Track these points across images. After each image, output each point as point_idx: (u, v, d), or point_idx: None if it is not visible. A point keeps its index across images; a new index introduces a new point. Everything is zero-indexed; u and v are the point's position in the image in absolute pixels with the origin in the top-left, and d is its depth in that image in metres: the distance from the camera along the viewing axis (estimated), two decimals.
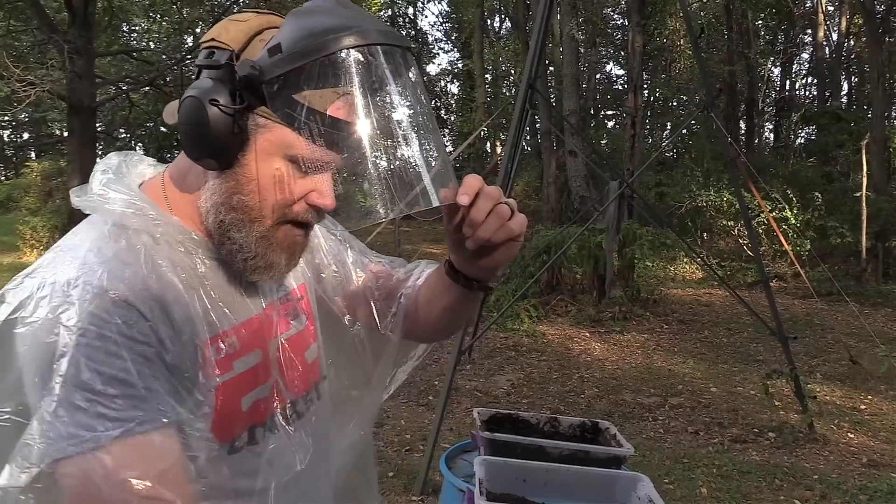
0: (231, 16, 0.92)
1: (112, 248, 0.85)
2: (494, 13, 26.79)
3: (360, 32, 0.83)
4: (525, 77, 4.04)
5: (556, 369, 6.93)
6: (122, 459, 0.75)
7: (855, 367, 6.92)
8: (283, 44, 0.82)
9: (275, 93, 0.84)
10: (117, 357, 0.77)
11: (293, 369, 1.02)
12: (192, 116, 0.85)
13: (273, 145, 0.87)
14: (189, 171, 0.94)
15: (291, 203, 0.90)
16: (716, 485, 4.30)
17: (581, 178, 10.62)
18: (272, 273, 0.94)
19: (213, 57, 0.87)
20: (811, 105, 20.75)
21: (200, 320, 0.88)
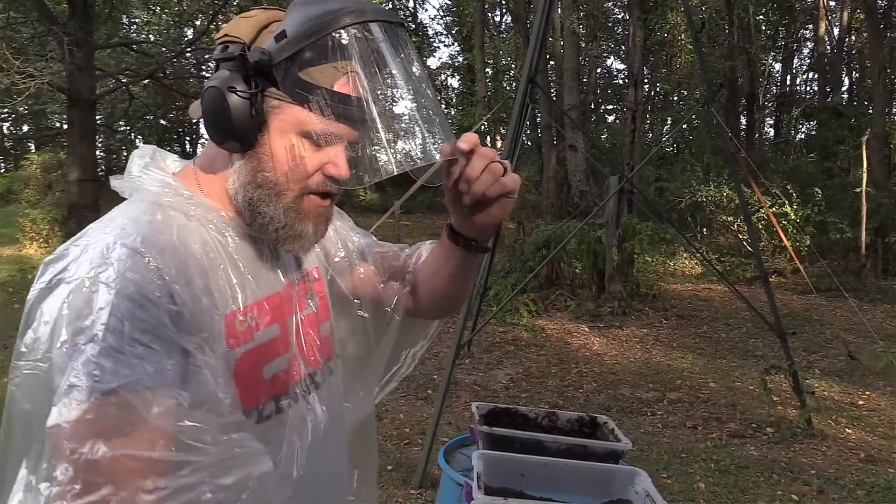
0: (241, 14, 1.02)
1: (148, 219, 0.94)
2: (495, 7, 26.72)
3: (354, 12, 0.93)
4: (525, 71, 4.03)
5: (555, 364, 6.94)
6: (162, 395, 0.83)
7: (853, 363, 6.93)
8: (287, 29, 0.93)
9: (283, 75, 0.94)
10: (151, 312, 0.85)
11: (310, 344, 1.11)
12: (213, 104, 0.95)
13: (286, 123, 0.96)
14: (216, 158, 1.03)
15: (308, 175, 0.99)
16: (713, 479, 4.31)
17: (581, 173, 10.61)
18: (302, 241, 1.03)
19: (228, 50, 0.97)
20: (812, 100, 20.74)
21: (224, 293, 0.96)
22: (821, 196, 12.12)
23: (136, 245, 0.88)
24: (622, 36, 23.62)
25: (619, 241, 9.21)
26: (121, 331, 0.82)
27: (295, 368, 1.07)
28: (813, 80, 24.08)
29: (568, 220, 8.74)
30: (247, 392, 0.97)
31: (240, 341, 0.96)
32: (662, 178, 14.98)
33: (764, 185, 10.01)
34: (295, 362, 1.07)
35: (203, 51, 15.81)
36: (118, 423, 0.81)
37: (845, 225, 11.81)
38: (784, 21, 22.17)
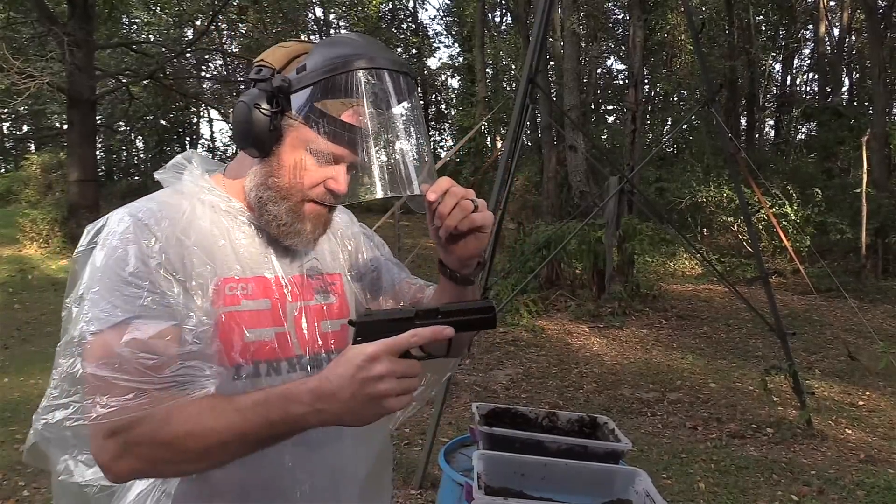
0: (280, 43, 1.22)
1: (163, 199, 1.16)
2: (495, 7, 26.71)
3: (368, 58, 1.10)
4: (526, 72, 4.03)
5: (555, 364, 6.94)
6: (132, 328, 1.02)
7: (853, 364, 6.93)
8: (308, 64, 1.11)
9: (300, 101, 1.12)
10: (135, 258, 1.06)
11: (309, 331, 1.23)
12: (241, 116, 1.14)
13: (298, 140, 1.14)
14: (242, 162, 1.23)
15: (312, 186, 1.16)
16: (713, 480, 4.31)
17: (581, 174, 10.60)
18: (300, 237, 1.20)
19: (261, 73, 1.16)
20: (812, 101, 20.73)
21: (223, 262, 1.15)
22: (821, 196, 12.12)
23: (138, 214, 1.10)
24: (622, 36, 23.62)
25: (620, 241, 9.21)
26: (110, 278, 1.05)
27: (285, 345, 1.19)
28: (813, 81, 24.09)
29: (568, 221, 8.74)
30: (229, 348, 1.12)
31: (226, 303, 1.13)
32: (663, 179, 14.98)
33: (764, 186, 10.02)
34: (286, 340, 1.19)
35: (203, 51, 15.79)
36: (94, 351, 1.02)
37: (845, 225, 11.81)
38: (784, 21, 22.15)
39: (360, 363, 0.96)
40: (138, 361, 1.00)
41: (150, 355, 1.01)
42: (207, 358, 1.07)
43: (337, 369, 0.98)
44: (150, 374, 1.00)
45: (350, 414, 0.98)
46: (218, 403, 1.03)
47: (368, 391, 0.96)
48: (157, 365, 1.01)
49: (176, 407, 1.01)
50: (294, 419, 0.99)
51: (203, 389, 1.04)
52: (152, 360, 1.01)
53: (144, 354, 1.01)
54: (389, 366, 0.97)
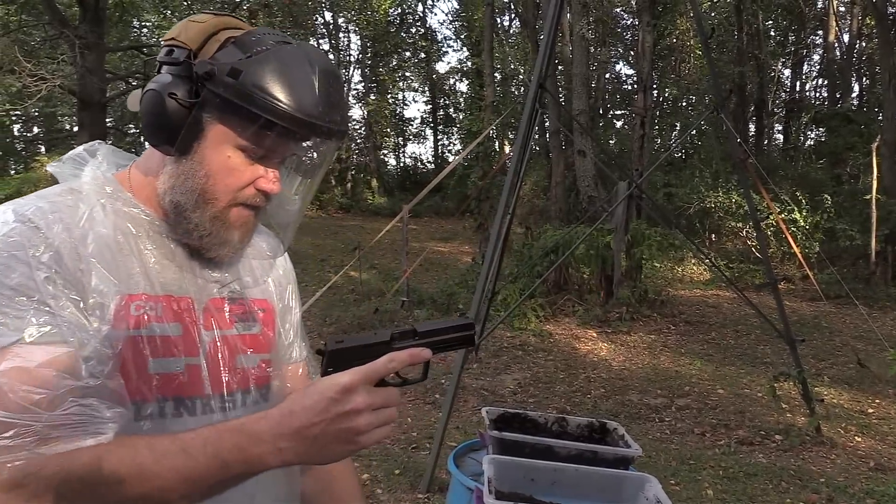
0: (191, 16, 1.02)
1: (54, 198, 0.96)
2: (504, 11, 26.75)
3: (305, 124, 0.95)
4: (535, 76, 4.04)
5: (563, 369, 6.93)
6: (13, 354, 0.84)
7: (863, 371, 6.90)
8: (245, 76, 0.93)
9: (228, 91, 0.93)
10: (23, 269, 0.87)
11: (217, 365, 1.04)
12: (152, 107, 0.96)
13: (224, 135, 0.97)
14: (151, 158, 1.04)
15: (242, 187, 1.00)
16: (722, 486, 4.29)
17: (589, 178, 10.60)
18: (227, 248, 1.03)
19: (173, 54, 0.98)
20: (821, 106, 20.66)
21: (126, 277, 0.96)
22: (830, 202, 12.07)
23: (25, 213, 0.91)
24: (631, 41, 23.61)
25: (628, 246, 9.19)
26: None
27: (196, 380, 1.01)
28: (822, 86, 23.99)
29: (576, 226, 8.73)
30: (128, 381, 0.93)
31: (131, 325, 0.94)
32: (671, 184, 14.95)
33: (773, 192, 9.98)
34: (198, 374, 1.01)
35: None
36: None
37: (855, 232, 11.75)
38: (793, 27, 22.11)
39: (334, 395, 0.85)
40: (21, 395, 0.81)
41: (37, 389, 0.82)
42: (107, 395, 0.88)
43: (304, 401, 0.86)
44: (36, 411, 0.82)
45: (317, 452, 0.87)
46: (157, 442, 0.87)
47: (343, 426, 0.85)
48: (45, 400, 0.82)
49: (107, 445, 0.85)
50: (251, 459, 0.86)
51: (101, 435, 0.85)
52: (39, 395, 0.82)
53: (29, 387, 0.82)
54: (367, 398, 0.86)
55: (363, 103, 27.13)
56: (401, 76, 29.22)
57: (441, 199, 20.54)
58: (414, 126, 30.81)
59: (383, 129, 27.65)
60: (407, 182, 26.92)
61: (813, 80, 24.83)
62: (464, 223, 15.13)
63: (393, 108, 28.98)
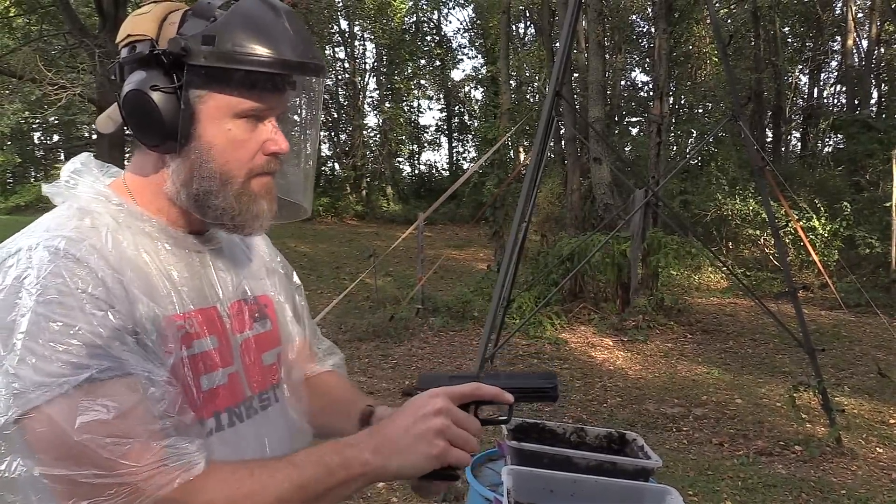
0: (133, 13, 1.01)
1: (74, 223, 0.92)
2: (519, 19, 26.77)
3: (294, 65, 0.96)
4: (552, 85, 4.03)
5: (579, 377, 6.89)
6: (86, 403, 0.80)
7: (883, 381, 6.81)
8: (219, 39, 0.92)
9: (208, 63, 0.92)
10: (78, 310, 0.83)
11: (251, 366, 1.08)
12: (140, 107, 0.94)
13: (218, 109, 0.95)
14: (146, 163, 1.01)
15: (252, 157, 0.99)
16: (741, 498, 4.24)
17: (605, 186, 10.56)
18: (260, 220, 1.02)
19: (136, 50, 0.96)
20: (839, 113, 20.49)
21: (159, 298, 0.94)
22: (849, 210, 11.94)
23: (59, 246, 0.86)
24: (647, 48, 23.55)
25: (644, 254, 9.14)
26: (44, 335, 0.80)
27: (237, 387, 1.04)
28: (840, 93, 23.79)
29: (592, 233, 8.70)
30: (190, 404, 0.93)
31: (179, 346, 0.94)
32: (687, 191, 14.86)
33: (791, 199, 9.90)
34: (238, 381, 1.04)
35: None
36: (39, 439, 0.79)
37: (875, 240, 11.62)
38: (811, 34, 21.96)
39: (420, 402, 0.94)
40: (110, 450, 0.79)
41: (122, 440, 0.80)
42: (183, 430, 0.88)
43: (395, 414, 0.96)
44: (128, 465, 0.80)
45: (405, 450, 0.92)
46: (266, 460, 0.93)
47: (424, 426, 0.92)
48: (133, 452, 0.81)
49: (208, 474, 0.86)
50: (350, 462, 0.91)
51: (195, 467, 0.85)
52: (126, 446, 0.80)
53: (114, 440, 0.80)
54: (447, 404, 0.94)
55: (378, 111, 27.22)
56: (416, 84, 29.28)
57: (456, 207, 20.53)
58: (429, 133, 30.89)
59: (398, 137, 27.71)
60: (422, 189, 26.96)
61: (831, 87, 24.64)
62: (479, 230, 15.13)
63: (408, 115, 29.05)
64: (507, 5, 15.60)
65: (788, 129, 22.83)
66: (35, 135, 30.14)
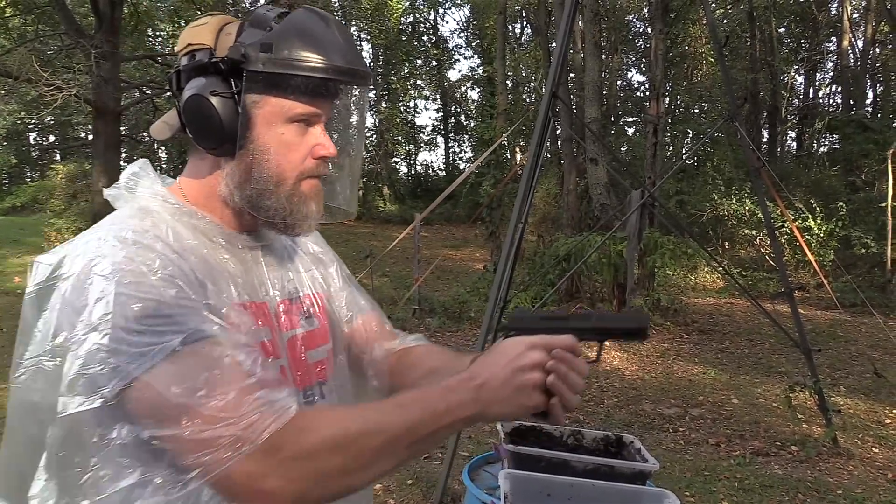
0: (190, 24, 1.08)
1: (137, 219, 0.98)
2: (516, 19, 26.78)
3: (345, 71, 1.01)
4: (548, 85, 4.03)
5: None
6: (179, 368, 0.86)
7: (879, 381, 6.82)
8: (276, 47, 0.98)
9: (266, 72, 0.99)
10: (155, 288, 0.89)
11: (297, 363, 1.12)
12: (201, 112, 1.00)
13: (273, 115, 1.01)
14: (200, 167, 1.07)
15: (303, 160, 1.04)
16: (738, 498, 4.24)
17: (602, 186, 10.57)
18: (309, 221, 1.08)
19: (196, 58, 1.02)
20: (835, 113, 20.52)
21: (222, 286, 1.00)
22: (845, 210, 11.97)
23: (126, 236, 0.93)
24: (643, 48, 23.57)
25: (641, 254, 9.15)
26: (129, 314, 0.86)
27: (286, 380, 1.08)
28: (836, 93, 23.84)
29: (589, 234, 8.70)
30: None
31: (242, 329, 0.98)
32: (683, 192, 14.88)
33: (787, 199, 9.92)
34: (286, 374, 1.08)
35: None
36: (142, 405, 0.86)
37: (870, 239, 11.65)
38: (806, 34, 22.01)
39: (519, 351, 0.95)
40: (211, 406, 0.85)
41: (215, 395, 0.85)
42: (271, 384, 0.92)
43: (487, 360, 0.96)
44: (228, 418, 0.85)
45: (504, 400, 0.94)
46: (375, 403, 0.99)
47: (522, 378, 0.94)
48: (231, 404, 0.86)
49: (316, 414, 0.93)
50: (453, 408, 0.93)
51: (290, 410, 0.89)
52: (223, 400, 0.85)
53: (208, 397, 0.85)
54: (545, 359, 0.95)
55: (375, 111, 27.21)
56: (412, 84, 29.27)
57: (453, 207, 20.53)
58: (425, 134, 30.89)
59: (395, 137, 27.69)
60: (418, 189, 26.95)
61: (826, 87, 24.69)
62: (475, 231, 15.13)
63: (404, 115, 29.03)
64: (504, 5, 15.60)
65: (784, 130, 22.87)
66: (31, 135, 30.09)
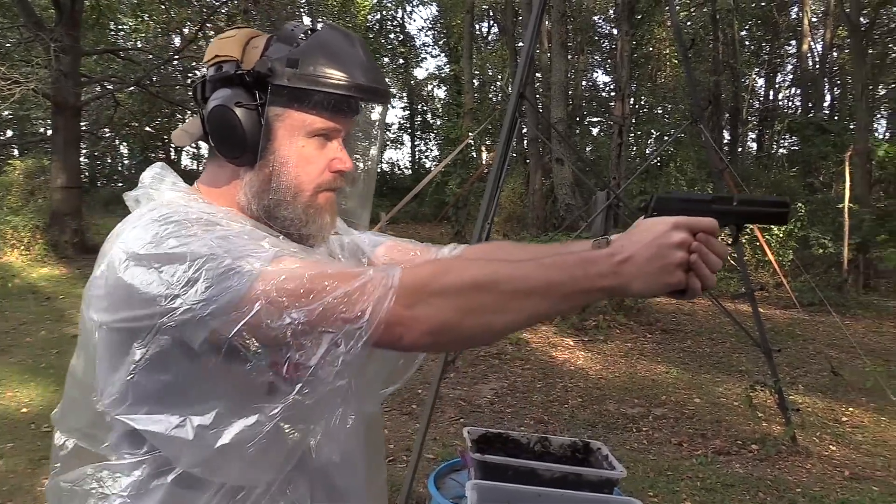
0: (218, 36, 1.11)
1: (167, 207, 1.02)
2: (483, 18, 26.82)
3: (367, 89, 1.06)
4: (516, 85, 4.04)
5: (540, 378, 6.92)
6: (292, 261, 0.93)
7: (836, 379, 6.98)
8: (302, 63, 1.03)
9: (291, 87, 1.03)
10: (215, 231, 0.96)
11: None
12: (225, 121, 1.04)
13: (293, 128, 1.05)
14: (219, 175, 1.10)
15: (321, 173, 1.08)
16: (700, 498, 4.30)
17: (567, 186, 10.64)
18: (324, 232, 1.13)
19: (223, 69, 1.06)
20: (794, 116, 20.95)
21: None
22: (803, 211, 12.23)
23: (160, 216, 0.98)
24: (608, 49, 23.78)
25: None
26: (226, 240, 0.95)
27: None
28: (796, 96, 24.34)
29: (555, 234, 8.75)
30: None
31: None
32: (647, 192, 15.05)
33: None
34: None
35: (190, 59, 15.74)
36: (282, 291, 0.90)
37: (828, 240, 11.91)
38: (767, 37, 22.43)
39: (664, 229, 0.96)
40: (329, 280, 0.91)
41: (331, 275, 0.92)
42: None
43: (631, 237, 0.97)
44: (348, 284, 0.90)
45: (643, 278, 0.95)
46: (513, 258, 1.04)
47: (667, 258, 0.95)
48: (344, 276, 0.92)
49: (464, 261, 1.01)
50: (591, 276, 0.95)
51: (396, 269, 0.94)
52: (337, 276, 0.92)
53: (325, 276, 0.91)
54: (689, 239, 0.97)
55: None
56: None
57: (418, 206, 20.49)
58: (392, 132, 30.79)
59: None
60: (384, 188, 26.85)
61: (786, 90, 25.20)
62: (441, 229, 15.13)
63: None
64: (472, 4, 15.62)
65: (745, 131, 23.28)
66: None
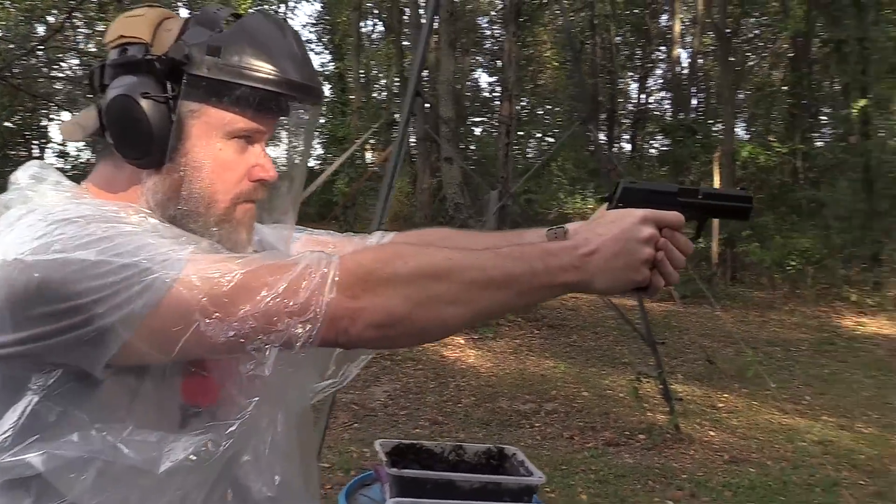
0: (124, 14, 0.93)
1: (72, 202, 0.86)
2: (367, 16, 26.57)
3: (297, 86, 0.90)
4: (412, 84, 3.97)
5: (433, 378, 6.89)
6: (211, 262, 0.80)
7: (711, 367, 7.37)
8: (225, 51, 0.86)
9: (210, 78, 0.87)
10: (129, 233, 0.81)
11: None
12: (127, 115, 0.86)
13: (211, 127, 0.89)
14: (115, 178, 0.93)
15: (240, 181, 0.92)
16: (594, 490, 4.40)
17: (456, 186, 10.70)
18: (237, 250, 0.93)
19: (128, 53, 0.88)
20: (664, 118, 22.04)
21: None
22: None
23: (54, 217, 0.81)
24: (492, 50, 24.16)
25: None
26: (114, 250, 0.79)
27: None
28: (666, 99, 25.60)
29: None
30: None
31: None
32: (531, 190, 15.39)
33: None
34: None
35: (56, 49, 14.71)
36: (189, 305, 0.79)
37: None
38: (640, 43, 23.47)
39: (632, 223, 0.90)
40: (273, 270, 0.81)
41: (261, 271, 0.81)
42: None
43: (596, 229, 0.91)
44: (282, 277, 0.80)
45: (607, 275, 0.90)
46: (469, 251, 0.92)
47: (634, 254, 0.90)
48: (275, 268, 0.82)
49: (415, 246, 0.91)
50: (555, 271, 0.88)
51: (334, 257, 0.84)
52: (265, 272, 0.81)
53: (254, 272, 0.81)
54: (656, 235, 0.91)
55: None
56: None
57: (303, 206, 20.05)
58: None
59: None
60: None
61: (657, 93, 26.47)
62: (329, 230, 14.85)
63: None
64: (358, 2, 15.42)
65: (620, 132, 24.27)
66: None
